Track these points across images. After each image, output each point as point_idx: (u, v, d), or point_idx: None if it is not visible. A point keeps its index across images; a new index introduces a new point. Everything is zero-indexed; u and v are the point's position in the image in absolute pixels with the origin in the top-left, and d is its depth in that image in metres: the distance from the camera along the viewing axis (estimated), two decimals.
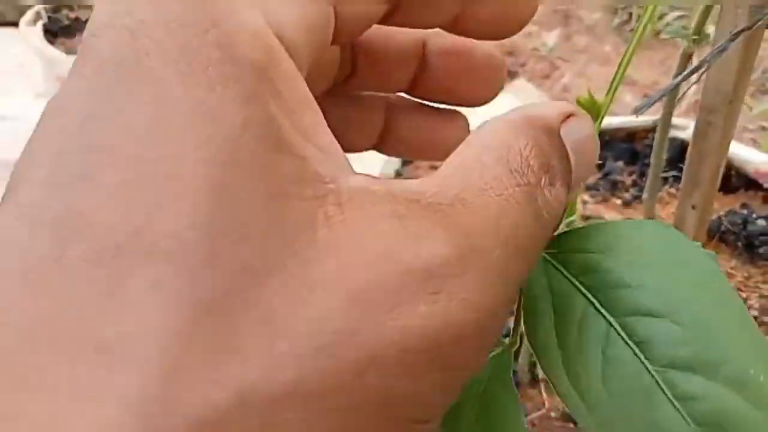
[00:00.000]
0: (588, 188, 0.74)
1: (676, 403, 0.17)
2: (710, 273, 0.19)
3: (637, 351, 0.18)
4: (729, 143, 0.46)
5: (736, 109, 0.42)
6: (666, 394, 0.17)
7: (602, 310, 0.19)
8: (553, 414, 0.47)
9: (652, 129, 0.72)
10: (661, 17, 1.42)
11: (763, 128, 1.28)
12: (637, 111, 0.35)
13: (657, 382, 0.17)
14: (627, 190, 0.74)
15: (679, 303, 0.18)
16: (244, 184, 0.11)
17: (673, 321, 0.18)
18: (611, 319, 0.19)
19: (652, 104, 0.35)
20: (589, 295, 0.20)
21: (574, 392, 0.18)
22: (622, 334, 0.18)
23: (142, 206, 0.11)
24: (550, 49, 1.47)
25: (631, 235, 0.21)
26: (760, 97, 1.34)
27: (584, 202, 0.72)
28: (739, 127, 1.29)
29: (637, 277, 0.19)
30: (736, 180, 0.69)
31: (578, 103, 0.30)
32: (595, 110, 0.31)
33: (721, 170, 0.48)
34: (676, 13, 1.40)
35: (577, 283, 0.20)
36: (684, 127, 0.65)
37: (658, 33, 1.41)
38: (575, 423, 0.46)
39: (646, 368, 0.17)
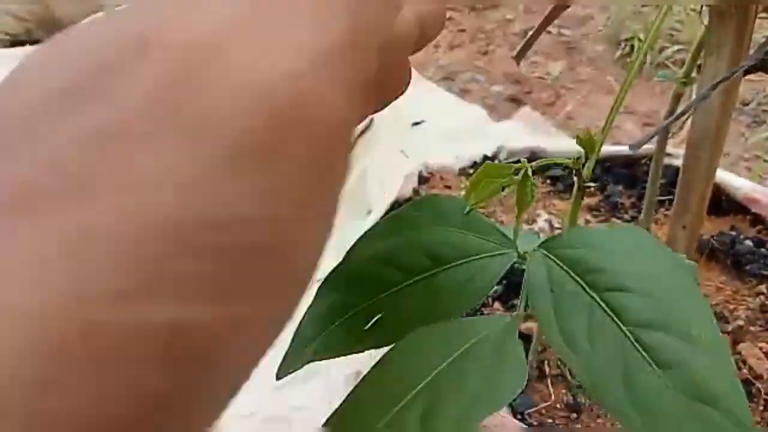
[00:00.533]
0: (590, 209, 0.80)
1: (643, 352, 0.23)
2: (668, 260, 0.26)
3: (613, 317, 0.25)
4: (714, 174, 0.52)
5: (719, 145, 0.48)
6: (635, 346, 0.24)
7: (587, 289, 0.26)
8: (558, 405, 0.53)
9: (649, 156, 0.79)
10: (661, 50, 1.50)
11: (757, 157, 1.35)
12: (632, 148, 0.41)
13: (628, 337, 0.24)
14: (626, 212, 0.80)
15: (643, 281, 0.25)
16: None
17: (639, 295, 0.25)
18: (594, 295, 0.26)
19: (645, 143, 0.42)
20: (578, 278, 0.27)
21: (567, 349, 0.25)
22: (602, 305, 0.25)
23: None
24: (555, 79, 1.55)
25: (608, 235, 0.28)
26: (755, 127, 1.41)
27: (587, 222, 0.78)
28: (735, 155, 1.36)
29: (612, 264, 0.26)
30: (726, 205, 0.76)
31: (577, 138, 0.37)
32: (591, 145, 0.37)
33: (708, 196, 0.55)
34: (677, 47, 1.48)
35: (569, 270, 0.27)
36: (679, 155, 0.72)
37: (658, 65, 1.49)
38: (578, 413, 0.52)
39: (620, 328, 0.24)
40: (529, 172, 0.35)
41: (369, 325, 0.32)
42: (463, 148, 1.10)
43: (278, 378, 0.34)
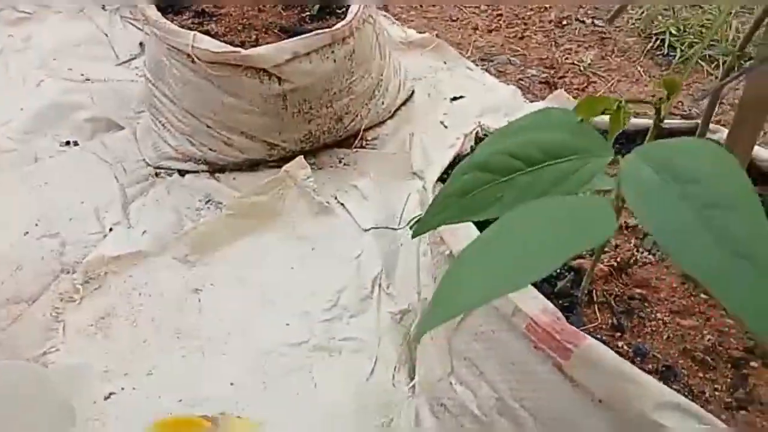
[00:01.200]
0: None
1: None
2: (726, 161, 0.34)
3: (685, 200, 0.33)
4: (759, 133, 0.61)
5: (763, 116, 0.57)
6: (702, 221, 0.32)
7: (670, 181, 0.35)
8: (603, 326, 0.62)
9: (688, 131, 0.87)
10: (691, 46, 1.58)
11: None
12: (701, 98, 0.50)
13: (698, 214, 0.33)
14: None
15: (708, 175, 0.34)
16: None
17: (703, 186, 0.34)
18: (671, 182, 0.34)
19: (708, 96, 0.50)
20: (661, 170, 0.35)
21: (651, 221, 0.33)
22: (676, 190, 0.34)
23: None
24: (587, 66, 1.62)
25: (687, 143, 0.37)
26: None
27: None
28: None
29: (689, 164, 0.35)
30: (755, 175, 0.84)
31: (663, 81, 0.45)
32: (673, 86, 0.46)
33: (749, 156, 0.63)
34: (705, 43, 1.55)
35: (653, 165, 0.36)
36: (717, 130, 0.80)
37: (686, 60, 1.57)
38: (622, 332, 0.61)
39: (693, 208, 0.33)
40: (623, 104, 0.43)
41: (492, 200, 0.40)
42: (503, 122, 1.18)
43: (414, 237, 0.43)
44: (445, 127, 1.41)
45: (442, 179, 0.80)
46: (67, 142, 1.39)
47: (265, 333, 0.96)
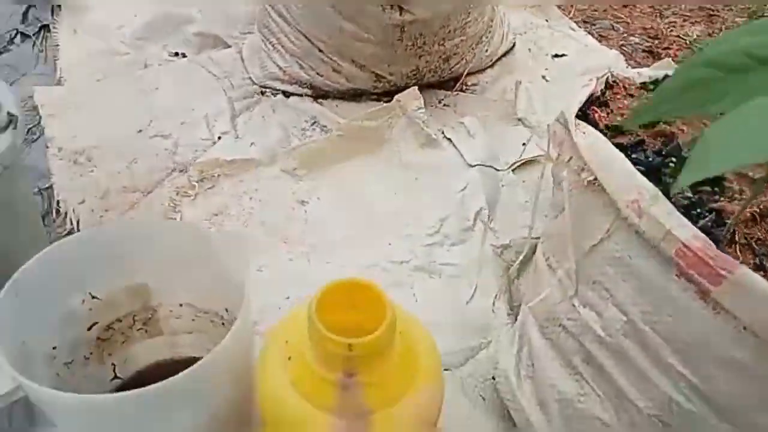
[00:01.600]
0: None
1: None
2: None
3: None
4: None
5: None
6: None
7: None
8: (744, 265, 0.63)
9: None
10: None
11: None
12: None
13: None
14: None
15: None
16: None
17: None
18: None
19: None
20: None
21: None
22: None
23: None
24: (693, 40, 1.59)
25: None
26: None
27: None
28: None
29: None
30: None
31: None
32: None
33: None
34: None
35: None
36: None
37: None
38: (764, 272, 0.62)
39: None
40: None
41: (718, 95, 0.42)
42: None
43: (627, 126, 0.44)
44: (547, 81, 1.40)
45: (578, 116, 0.81)
46: (176, 53, 1.44)
47: (368, 249, 0.99)
